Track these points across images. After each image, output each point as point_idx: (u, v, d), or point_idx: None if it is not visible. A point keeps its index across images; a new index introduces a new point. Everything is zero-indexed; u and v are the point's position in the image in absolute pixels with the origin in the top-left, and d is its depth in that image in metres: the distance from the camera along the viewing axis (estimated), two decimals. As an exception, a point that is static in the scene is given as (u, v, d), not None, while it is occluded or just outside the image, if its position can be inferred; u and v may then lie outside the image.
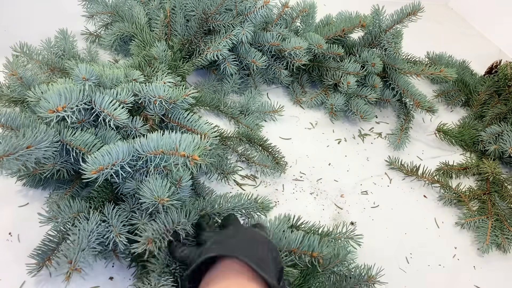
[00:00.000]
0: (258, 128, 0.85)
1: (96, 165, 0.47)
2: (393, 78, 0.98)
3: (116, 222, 0.52)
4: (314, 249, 0.53)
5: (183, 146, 0.48)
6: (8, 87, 0.66)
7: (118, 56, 0.93)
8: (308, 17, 0.98)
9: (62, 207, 0.53)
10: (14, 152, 0.45)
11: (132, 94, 0.57)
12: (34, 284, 0.54)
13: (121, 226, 0.52)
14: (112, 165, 0.47)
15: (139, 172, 0.52)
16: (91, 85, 0.53)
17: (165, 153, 0.48)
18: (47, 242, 0.53)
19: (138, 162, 0.51)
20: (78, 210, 0.54)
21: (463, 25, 1.56)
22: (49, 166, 0.53)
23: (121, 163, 0.48)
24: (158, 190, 0.49)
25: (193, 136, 0.50)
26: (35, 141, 0.48)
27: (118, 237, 0.50)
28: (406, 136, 0.93)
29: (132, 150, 0.50)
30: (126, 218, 0.53)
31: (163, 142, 0.49)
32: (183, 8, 0.86)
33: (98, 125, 0.55)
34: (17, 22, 0.95)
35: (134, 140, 0.51)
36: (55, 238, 0.53)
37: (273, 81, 1.00)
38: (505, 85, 1.02)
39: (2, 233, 0.59)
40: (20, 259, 0.56)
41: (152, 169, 0.51)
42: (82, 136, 0.52)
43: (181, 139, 0.49)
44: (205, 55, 0.84)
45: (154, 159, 0.49)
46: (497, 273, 0.73)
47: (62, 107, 0.48)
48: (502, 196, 0.83)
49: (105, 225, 0.52)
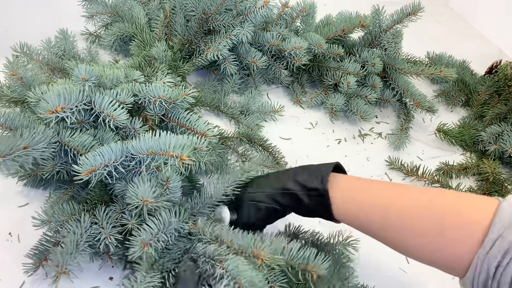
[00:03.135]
0: (259, 128, 0.85)
1: (87, 166, 0.47)
2: (393, 78, 0.98)
3: (106, 224, 0.52)
4: (309, 262, 0.47)
5: (172, 146, 0.48)
6: (9, 87, 0.66)
7: (118, 56, 0.93)
8: (308, 17, 0.98)
9: (56, 210, 0.53)
10: (11, 153, 0.45)
11: (132, 94, 0.57)
12: (34, 284, 0.54)
13: (111, 227, 0.52)
14: (104, 166, 0.47)
15: (132, 173, 0.52)
16: (91, 85, 0.53)
17: (156, 153, 0.48)
18: (44, 242, 0.53)
19: (131, 163, 0.51)
20: (70, 213, 0.54)
21: (463, 25, 1.56)
22: (49, 167, 0.53)
23: (114, 164, 0.48)
24: (143, 191, 0.49)
25: (188, 137, 0.50)
26: (33, 142, 0.48)
27: (109, 239, 0.50)
28: (406, 136, 0.93)
29: (125, 151, 0.49)
30: (117, 219, 0.53)
31: (154, 142, 0.49)
32: (183, 8, 0.86)
33: (97, 126, 0.55)
34: (17, 22, 0.95)
35: (127, 141, 0.51)
36: (52, 239, 0.53)
37: (273, 81, 1.00)
38: (505, 85, 1.02)
39: (2, 233, 0.59)
40: (20, 259, 0.56)
41: (144, 169, 0.50)
42: (80, 137, 0.52)
43: (172, 140, 0.49)
44: (205, 55, 0.84)
45: (146, 159, 0.49)
46: (497, 273, 0.72)
47: (62, 108, 0.48)
48: (502, 196, 0.83)
49: (97, 227, 0.52)
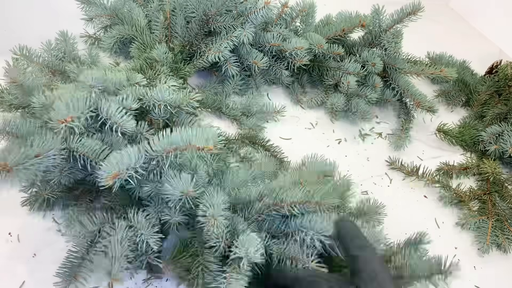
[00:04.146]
0: (261, 130, 0.85)
1: (111, 172, 0.47)
2: (394, 78, 0.98)
3: (144, 225, 0.52)
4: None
5: (195, 140, 0.48)
6: (9, 93, 0.65)
7: (119, 58, 0.93)
8: (307, 16, 0.97)
9: (85, 222, 0.53)
10: (24, 162, 0.45)
11: (137, 99, 0.57)
12: (34, 284, 0.54)
13: (150, 227, 0.52)
14: (126, 169, 0.47)
15: (152, 173, 0.52)
16: (97, 91, 0.54)
17: (179, 149, 0.48)
18: (71, 258, 0.53)
19: (150, 163, 0.51)
20: (101, 222, 0.54)
21: (463, 25, 1.56)
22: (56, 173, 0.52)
23: (135, 165, 0.48)
24: (181, 184, 0.50)
25: (203, 129, 0.50)
26: (44, 150, 0.48)
27: (150, 238, 0.51)
28: (406, 136, 0.93)
29: (143, 152, 0.50)
30: (155, 219, 0.54)
31: (175, 138, 0.49)
32: (183, 9, 0.86)
33: (103, 130, 0.55)
34: (16, 25, 0.95)
35: (143, 142, 0.51)
36: (79, 254, 0.53)
37: (273, 82, 1.00)
38: (505, 85, 1.02)
39: (2, 233, 0.59)
40: (20, 259, 0.56)
41: (167, 167, 0.51)
42: (89, 143, 0.52)
43: (193, 133, 0.49)
44: (206, 56, 0.84)
45: (167, 157, 0.49)
46: (497, 273, 0.73)
47: (71, 117, 0.48)
48: (503, 196, 0.83)
49: (132, 230, 0.52)
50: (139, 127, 0.57)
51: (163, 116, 0.60)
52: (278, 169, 0.71)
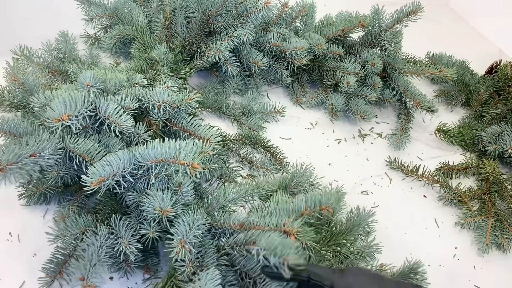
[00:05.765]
0: (261, 130, 0.85)
1: (96, 176, 0.47)
2: (393, 78, 0.98)
3: (124, 233, 0.52)
4: (321, 203, 0.55)
5: (183, 154, 0.48)
6: (9, 92, 0.66)
7: (119, 59, 0.94)
8: (307, 17, 0.98)
9: (69, 223, 0.54)
10: (18, 161, 0.45)
11: (136, 100, 0.57)
12: (34, 284, 0.54)
13: (129, 237, 0.52)
14: (113, 176, 0.47)
15: (141, 181, 0.53)
16: (95, 91, 0.54)
17: (165, 162, 0.49)
18: (58, 255, 0.54)
19: (139, 171, 0.51)
20: (85, 225, 0.54)
21: (463, 25, 1.56)
22: (53, 173, 0.53)
23: (122, 172, 0.48)
24: (160, 201, 0.50)
25: (194, 142, 0.50)
26: (38, 149, 0.48)
27: (129, 248, 0.51)
28: (406, 136, 0.93)
29: (132, 159, 0.50)
30: (134, 229, 0.54)
31: (163, 150, 0.49)
32: (183, 9, 0.86)
33: (101, 131, 0.55)
34: (17, 25, 0.95)
35: (134, 149, 0.51)
36: (65, 251, 0.54)
37: (273, 82, 1.00)
38: (505, 85, 1.02)
39: (2, 233, 0.59)
40: (20, 259, 0.56)
41: (153, 178, 0.51)
42: (85, 143, 0.52)
43: (181, 147, 0.49)
44: (206, 57, 0.85)
45: (155, 167, 0.50)
46: (497, 273, 0.73)
47: (68, 116, 0.48)
48: (502, 196, 0.83)
49: (114, 237, 0.52)
50: (137, 129, 0.57)
51: (163, 116, 0.60)
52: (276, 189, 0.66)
